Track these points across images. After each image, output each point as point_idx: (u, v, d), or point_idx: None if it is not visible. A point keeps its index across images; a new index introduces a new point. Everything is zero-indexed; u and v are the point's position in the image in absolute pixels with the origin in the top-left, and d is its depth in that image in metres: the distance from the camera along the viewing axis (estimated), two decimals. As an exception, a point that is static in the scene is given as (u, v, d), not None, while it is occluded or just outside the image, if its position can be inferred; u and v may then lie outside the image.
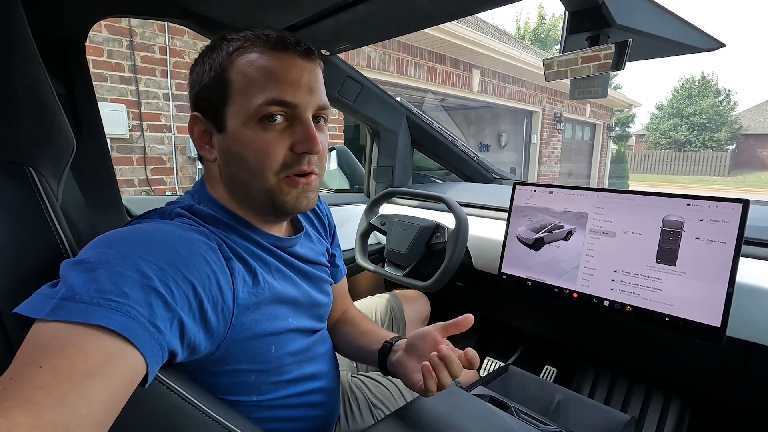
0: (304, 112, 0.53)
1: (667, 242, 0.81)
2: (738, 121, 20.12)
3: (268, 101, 0.50)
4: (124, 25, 2.89)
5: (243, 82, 0.51)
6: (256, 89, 0.51)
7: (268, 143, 0.52)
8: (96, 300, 0.36)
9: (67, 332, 0.34)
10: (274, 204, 0.55)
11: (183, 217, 0.53)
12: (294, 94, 0.51)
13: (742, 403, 0.94)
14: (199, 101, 0.55)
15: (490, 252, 1.14)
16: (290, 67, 0.52)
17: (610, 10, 0.73)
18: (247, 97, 0.51)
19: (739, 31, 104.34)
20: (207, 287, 0.45)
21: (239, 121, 0.52)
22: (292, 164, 0.53)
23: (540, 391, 0.98)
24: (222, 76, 0.52)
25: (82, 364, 0.33)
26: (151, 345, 0.38)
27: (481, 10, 0.87)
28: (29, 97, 0.46)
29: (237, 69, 0.51)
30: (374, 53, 4.60)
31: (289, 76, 0.51)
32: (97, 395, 0.33)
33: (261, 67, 0.51)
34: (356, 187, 1.87)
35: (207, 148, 0.56)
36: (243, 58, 0.51)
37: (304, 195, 0.56)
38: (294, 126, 0.53)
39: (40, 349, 0.34)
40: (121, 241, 0.42)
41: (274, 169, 0.53)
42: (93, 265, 0.38)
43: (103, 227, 0.85)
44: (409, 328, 1.12)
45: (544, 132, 7.94)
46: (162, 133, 3.15)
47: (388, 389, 0.82)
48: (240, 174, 0.54)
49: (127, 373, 0.36)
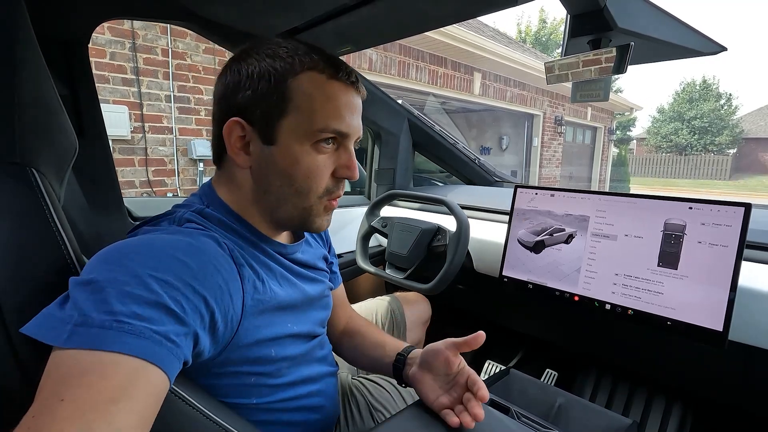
0: (351, 142, 0.56)
1: (669, 246, 0.80)
2: (739, 125, 20.12)
3: (330, 128, 0.52)
4: (127, 27, 2.90)
5: (307, 102, 0.52)
6: (319, 113, 0.52)
7: (318, 166, 0.54)
8: (108, 324, 0.36)
9: (85, 359, 0.34)
10: (304, 222, 0.57)
11: (192, 222, 0.52)
12: (349, 125, 0.54)
13: (744, 408, 0.93)
14: (246, 107, 0.53)
15: (492, 255, 1.14)
16: (350, 98, 0.55)
17: (612, 14, 0.73)
18: (308, 118, 0.52)
19: (741, 35, 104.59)
20: (218, 298, 0.45)
21: (294, 138, 0.52)
22: (333, 189, 0.57)
23: (541, 395, 0.98)
24: (283, 89, 0.51)
25: (105, 391, 0.33)
26: (169, 359, 0.38)
27: (482, 14, 0.88)
28: (32, 98, 0.46)
29: (302, 87, 0.52)
30: (376, 56, 4.61)
31: (349, 107, 0.54)
32: (124, 420, 0.33)
33: (329, 94, 0.52)
34: (357, 189, 1.87)
35: (242, 154, 0.54)
36: (310, 78, 0.52)
37: (328, 219, 0.60)
38: (339, 152, 0.56)
39: (60, 382, 0.34)
40: (129, 256, 0.42)
41: (318, 193, 0.55)
42: (101, 285, 0.38)
43: (104, 228, 0.85)
44: (409, 331, 1.12)
45: (545, 135, 7.94)
46: (164, 134, 3.16)
47: (388, 391, 0.82)
48: (281, 188, 0.54)
49: (152, 392, 0.36)
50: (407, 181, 1.67)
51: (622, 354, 1.12)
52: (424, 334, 1.22)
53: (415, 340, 1.16)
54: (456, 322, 1.51)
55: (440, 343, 0.63)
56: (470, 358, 1.50)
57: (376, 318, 1.08)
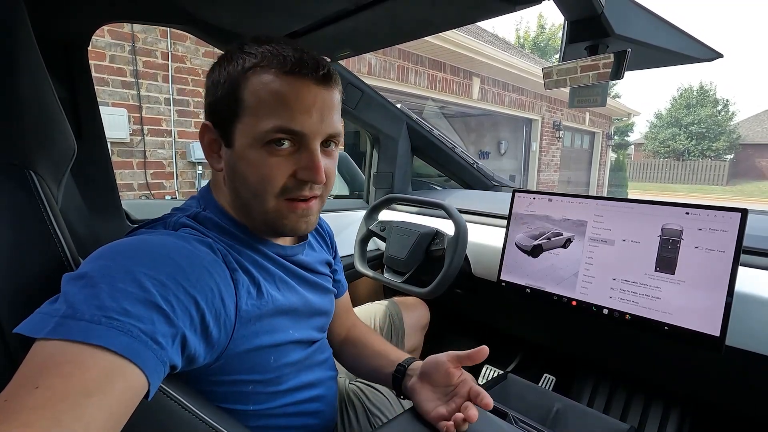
0: (312, 141, 0.52)
1: (666, 251, 0.81)
2: (736, 131, 20.22)
3: (276, 128, 0.49)
4: (127, 30, 2.90)
5: (254, 104, 0.50)
6: (266, 113, 0.49)
7: (271, 167, 0.51)
8: (97, 318, 0.36)
9: (66, 350, 0.34)
10: (273, 225, 0.55)
11: (187, 227, 0.52)
12: (303, 123, 0.50)
13: (742, 413, 0.93)
14: (211, 112, 0.54)
15: (490, 259, 1.14)
16: (303, 94, 0.50)
17: (609, 20, 0.74)
18: (256, 119, 0.50)
19: (737, 42, 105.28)
20: (210, 301, 0.45)
21: (246, 141, 0.51)
22: (293, 189, 0.53)
23: (539, 400, 0.98)
24: (235, 92, 0.50)
25: (80, 383, 0.33)
26: (153, 362, 0.37)
27: (481, 19, 0.88)
28: (31, 100, 0.46)
29: (250, 88, 0.50)
30: (375, 60, 4.63)
31: (301, 103, 0.50)
32: (94, 414, 0.32)
33: (274, 92, 0.49)
34: (356, 192, 1.87)
35: (215, 157, 0.56)
36: (258, 78, 0.50)
37: (304, 219, 0.56)
38: (300, 152, 0.52)
39: (37, 369, 0.33)
40: (123, 254, 0.42)
41: (274, 193, 0.52)
42: (94, 280, 0.38)
43: (102, 231, 0.85)
44: (408, 336, 1.11)
45: (543, 140, 7.97)
46: (162, 137, 3.16)
47: (386, 396, 0.81)
48: (241, 192, 0.54)
49: (127, 391, 0.35)
50: (406, 185, 1.68)
51: (619, 359, 1.12)
52: (422, 339, 1.21)
53: (414, 345, 1.16)
54: (454, 327, 1.51)
55: (442, 355, 0.62)
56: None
57: (375, 322, 1.08)
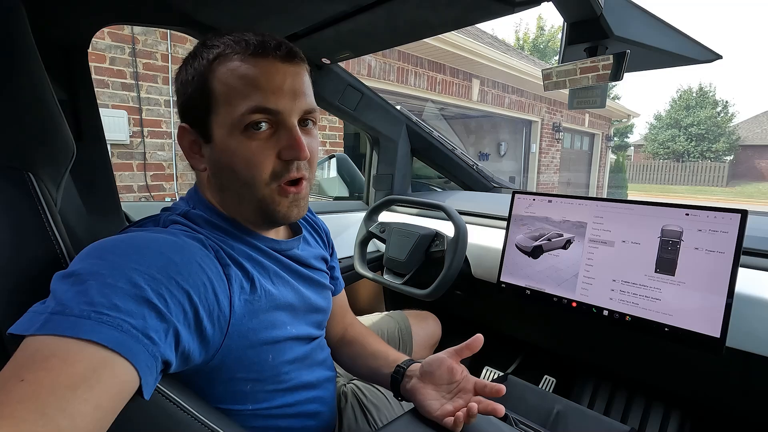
0: (289, 118, 0.52)
1: (666, 252, 0.81)
2: (736, 132, 20.24)
3: (251, 109, 0.49)
4: (127, 32, 2.91)
5: (225, 92, 0.50)
6: (238, 98, 0.50)
7: (254, 152, 0.51)
8: (86, 313, 0.35)
9: (53, 345, 0.34)
10: (265, 213, 0.55)
11: (178, 224, 0.52)
12: (276, 101, 0.50)
13: (743, 415, 0.93)
14: (185, 112, 0.54)
15: (489, 260, 1.14)
16: (272, 73, 0.50)
17: (609, 22, 0.74)
18: (230, 107, 0.50)
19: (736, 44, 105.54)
20: (203, 295, 0.45)
21: (225, 132, 0.51)
22: (282, 172, 0.53)
23: (539, 402, 0.97)
24: (204, 85, 0.51)
25: (66, 376, 0.32)
26: (144, 356, 0.37)
27: (480, 21, 0.88)
28: (31, 102, 0.46)
29: (218, 78, 0.50)
30: (375, 62, 4.64)
31: (271, 82, 0.50)
32: (79, 408, 0.32)
33: (242, 76, 0.50)
34: (356, 194, 1.87)
35: (197, 157, 0.56)
36: (224, 66, 0.50)
37: (295, 204, 0.56)
38: (279, 133, 0.52)
39: (23, 363, 0.33)
40: (112, 251, 0.42)
41: (264, 179, 0.52)
42: (83, 278, 0.38)
43: (102, 233, 0.84)
44: (416, 351, 1.09)
45: (543, 141, 7.98)
46: (162, 139, 3.16)
47: (385, 396, 0.81)
48: (231, 184, 0.54)
49: (115, 385, 0.35)
50: (405, 187, 1.68)
51: (620, 360, 1.12)
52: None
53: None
54: (453, 329, 1.51)
55: (442, 353, 0.62)
56: (468, 364, 1.49)
57: (382, 336, 1.05)
